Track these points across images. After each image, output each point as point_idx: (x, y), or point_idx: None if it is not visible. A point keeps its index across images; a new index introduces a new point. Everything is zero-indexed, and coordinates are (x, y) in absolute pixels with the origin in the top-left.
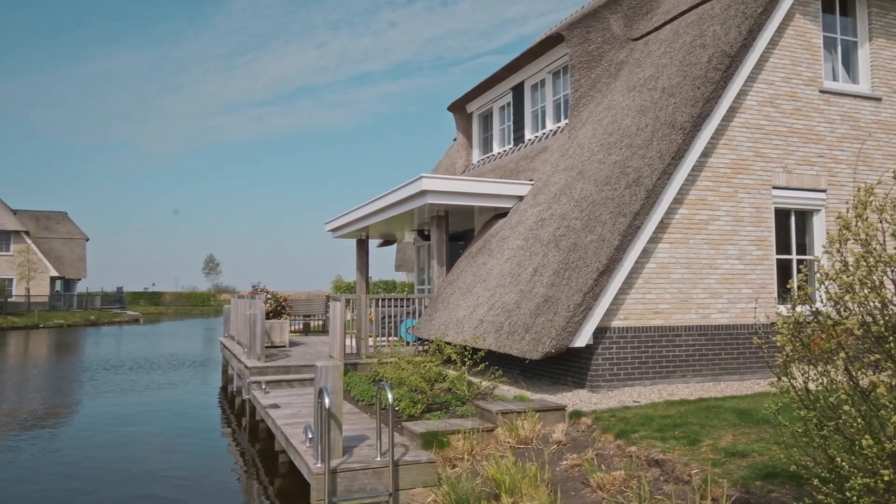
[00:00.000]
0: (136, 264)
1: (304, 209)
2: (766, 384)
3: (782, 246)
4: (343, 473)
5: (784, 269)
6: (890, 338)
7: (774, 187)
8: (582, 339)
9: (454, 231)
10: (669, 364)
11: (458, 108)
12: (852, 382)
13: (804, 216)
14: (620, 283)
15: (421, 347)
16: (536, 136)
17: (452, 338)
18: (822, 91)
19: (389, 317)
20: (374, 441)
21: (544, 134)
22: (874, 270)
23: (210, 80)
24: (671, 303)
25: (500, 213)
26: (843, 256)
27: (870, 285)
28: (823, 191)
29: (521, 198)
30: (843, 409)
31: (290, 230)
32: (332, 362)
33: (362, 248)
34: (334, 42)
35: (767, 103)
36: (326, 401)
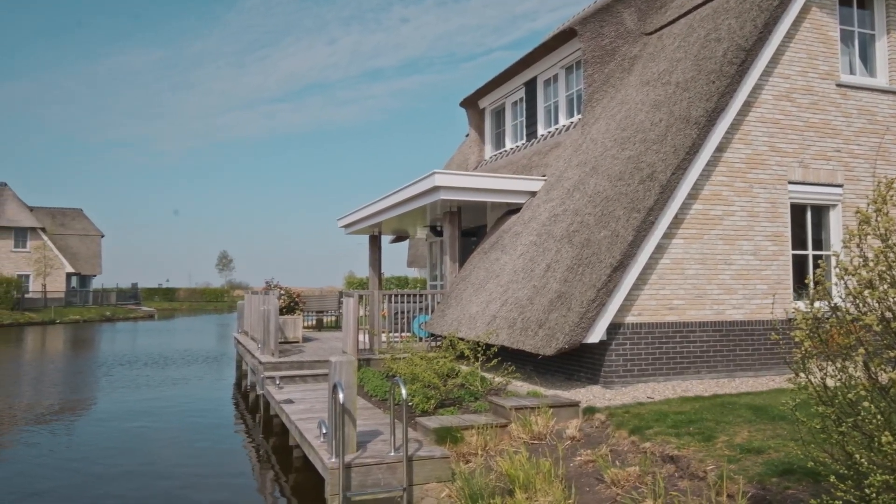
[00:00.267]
0: (151, 260)
1: (317, 206)
2: (782, 381)
3: (798, 241)
4: (357, 468)
5: (799, 265)
6: None
7: (790, 182)
8: (595, 335)
9: (467, 227)
10: (683, 360)
11: (471, 103)
12: (871, 379)
13: (820, 211)
14: (634, 278)
15: (434, 343)
16: (549, 132)
17: (465, 333)
18: (839, 85)
19: (402, 312)
20: (387, 436)
21: (557, 129)
22: (894, 266)
23: (222, 78)
24: (685, 298)
25: (513, 209)
26: (862, 251)
27: (889, 280)
28: (840, 186)
29: (533, 193)
30: (862, 405)
31: (303, 226)
32: (345, 358)
33: (375, 244)
34: (346, 38)
35: (783, 97)
36: (341, 396)
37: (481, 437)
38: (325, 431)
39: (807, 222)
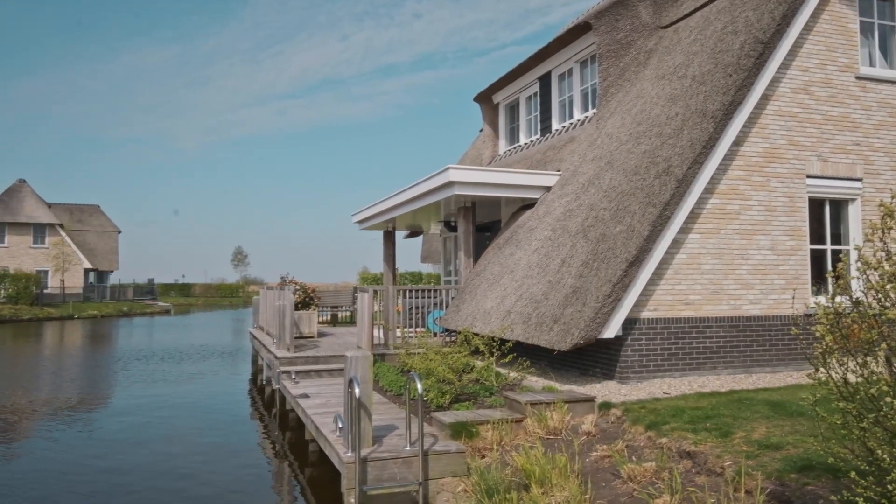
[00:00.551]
0: (167, 256)
1: (330, 201)
2: (800, 377)
3: (816, 236)
4: (373, 462)
5: (817, 260)
6: None
7: (808, 176)
8: (611, 331)
9: (481, 222)
10: (700, 356)
11: (485, 98)
12: (894, 374)
13: (839, 206)
14: (650, 273)
15: (448, 338)
16: (564, 127)
17: (480, 329)
18: (859, 77)
19: (416, 308)
20: (403, 431)
21: (572, 124)
22: None
23: (236, 74)
24: (702, 294)
25: (528, 204)
26: (885, 245)
27: None
28: (859, 180)
29: (548, 188)
30: (885, 400)
31: (317, 222)
32: (361, 353)
33: (389, 239)
34: (359, 34)
35: (801, 90)
36: (357, 391)
37: (496, 432)
38: (340, 426)
39: (825, 217)
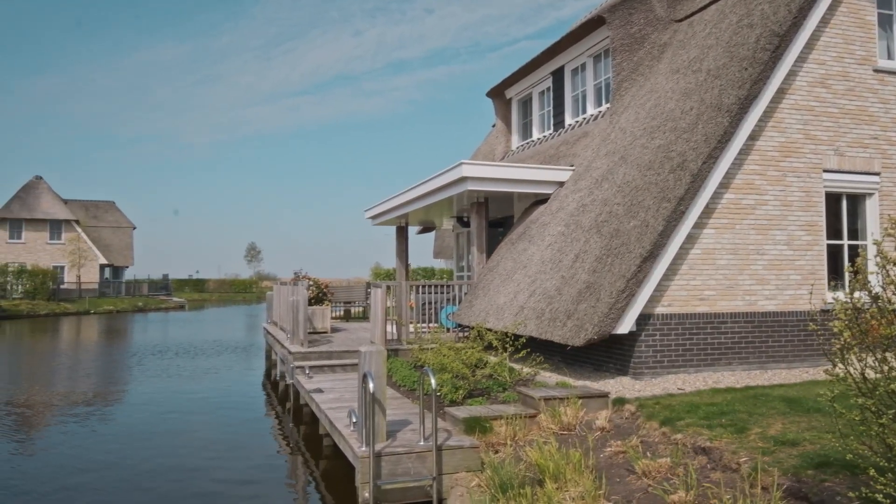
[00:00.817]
0: (181, 252)
1: (343, 197)
2: (816, 373)
3: (832, 231)
4: (387, 457)
5: (833, 255)
6: None
7: (825, 170)
8: (625, 326)
9: (494, 217)
10: (714, 351)
11: (497, 93)
12: None
13: (856, 200)
14: (664, 269)
15: (461, 334)
16: (577, 121)
17: (493, 324)
18: (877, 70)
19: (429, 303)
20: (416, 426)
21: (585, 119)
22: None
23: (248, 71)
24: (716, 289)
25: (541, 199)
26: None
27: None
28: (877, 174)
29: (561, 183)
30: None
31: (329, 218)
32: (375, 348)
33: (402, 234)
34: (371, 30)
35: (818, 84)
36: (371, 385)
37: (510, 427)
38: (355, 420)
39: (842, 211)
